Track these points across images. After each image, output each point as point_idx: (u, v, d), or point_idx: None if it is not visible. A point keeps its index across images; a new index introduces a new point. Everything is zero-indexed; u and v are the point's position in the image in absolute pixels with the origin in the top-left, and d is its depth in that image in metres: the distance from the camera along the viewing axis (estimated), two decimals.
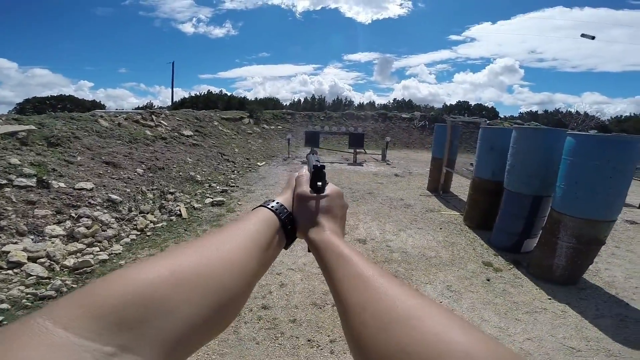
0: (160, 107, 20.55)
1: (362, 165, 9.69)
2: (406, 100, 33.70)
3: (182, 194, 5.36)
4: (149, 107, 21.49)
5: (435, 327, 0.26)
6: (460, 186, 6.93)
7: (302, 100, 34.03)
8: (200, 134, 9.43)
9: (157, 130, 7.85)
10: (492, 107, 30.63)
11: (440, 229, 4.64)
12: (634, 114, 26.26)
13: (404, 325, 0.27)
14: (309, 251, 0.48)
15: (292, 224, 0.48)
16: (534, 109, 29.47)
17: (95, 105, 26.38)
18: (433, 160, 6.89)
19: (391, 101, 35.05)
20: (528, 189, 3.63)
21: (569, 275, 3.16)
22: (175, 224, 4.27)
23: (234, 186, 6.35)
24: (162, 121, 8.57)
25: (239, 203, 5.27)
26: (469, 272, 3.41)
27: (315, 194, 0.49)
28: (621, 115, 26.74)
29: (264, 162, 9.10)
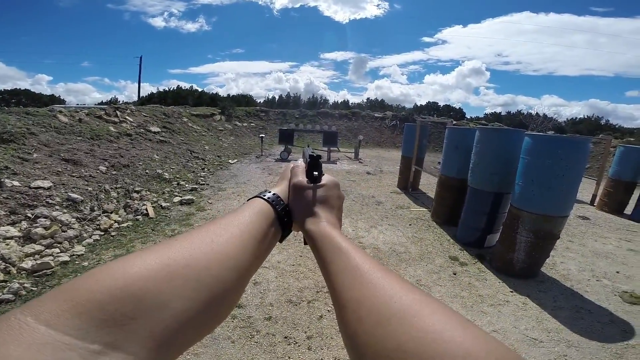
0: (126, 103, 19.56)
1: (336, 164, 9.77)
2: (379, 100, 34.33)
3: (148, 192, 5.15)
4: (113, 102, 20.42)
5: (434, 324, 0.25)
6: (429, 184, 7.17)
7: (277, 97, 33.69)
8: (169, 130, 9.09)
9: (122, 127, 7.48)
10: (460, 108, 32.00)
11: (410, 225, 4.79)
12: (587, 116, 28.38)
13: (402, 321, 0.26)
14: (305, 243, 0.47)
15: (287, 216, 0.46)
16: (498, 110, 31.15)
17: (54, 100, 24.69)
18: (403, 159, 7.07)
19: (364, 100, 35.60)
20: (490, 186, 3.83)
21: (528, 269, 3.35)
22: (142, 223, 4.10)
23: (204, 184, 6.18)
24: (127, 117, 8.17)
25: (210, 201, 5.15)
26: (437, 267, 3.54)
27: (311, 184, 0.48)
28: (576, 117, 28.77)
29: (235, 160, 8.94)
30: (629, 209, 6.34)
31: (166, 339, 0.25)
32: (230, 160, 8.79)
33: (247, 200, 0.46)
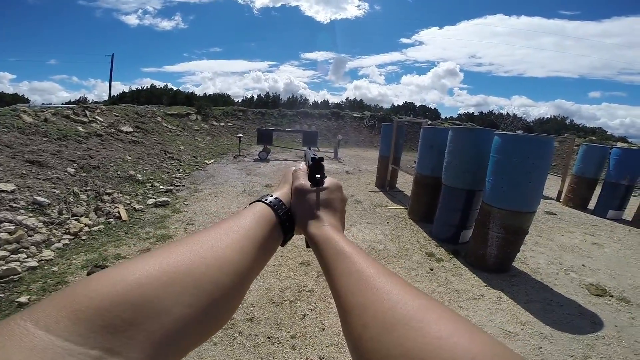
0: (96, 102, 18.73)
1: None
2: (357, 100, 34.67)
3: (120, 194, 4.97)
4: (82, 101, 19.47)
5: (440, 330, 0.24)
6: (405, 182, 7.34)
7: (256, 97, 33.29)
8: (142, 130, 8.79)
9: (91, 127, 7.17)
10: (435, 108, 32.82)
11: (388, 223, 4.88)
12: (554, 116, 29.91)
13: (407, 327, 0.25)
14: (307, 247, 0.46)
15: (290, 220, 0.46)
16: (471, 110, 32.21)
17: (17, 99, 23.24)
18: (380, 158, 7.19)
19: (344, 100, 35.83)
20: (462, 184, 3.97)
21: (500, 264, 3.49)
22: (114, 226, 3.95)
23: (179, 185, 6.03)
24: (97, 117, 7.83)
25: (185, 203, 5.03)
26: (415, 263, 3.63)
27: (314, 187, 0.48)
28: (543, 117, 30.27)
29: (212, 160, 8.76)
30: (592, 204, 6.70)
31: (166, 344, 0.25)
32: (206, 161, 8.61)
33: (249, 204, 0.46)
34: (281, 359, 2.13)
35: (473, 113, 32.34)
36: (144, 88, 24.72)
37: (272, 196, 0.47)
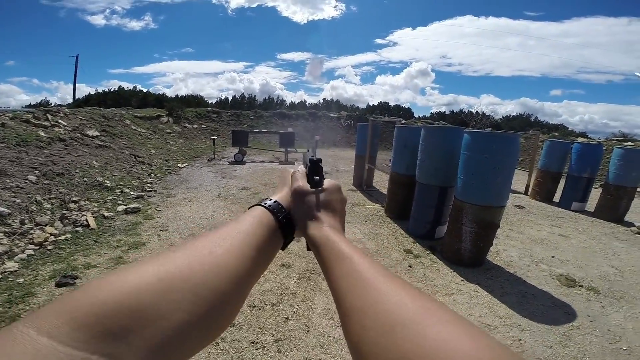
0: (59, 105, 17.72)
1: (294, 164, 9.68)
2: (334, 100, 34.94)
3: (88, 202, 4.73)
4: (43, 104, 18.37)
5: (440, 332, 0.24)
6: (382, 181, 7.46)
7: (230, 98, 32.72)
8: (109, 134, 8.40)
9: (54, 131, 6.77)
10: (409, 107, 33.67)
11: (366, 221, 4.95)
12: (519, 113, 31.48)
13: (407, 330, 0.25)
14: (308, 249, 0.46)
15: (289, 223, 0.46)
16: (443, 109, 33.29)
17: None
18: (357, 158, 7.27)
19: (321, 101, 36.00)
20: (435, 181, 4.09)
21: (475, 258, 3.61)
22: (83, 235, 3.76)
23: (150, 191, 5.82)
24: (60, 121, 7.41)
25: (158, 209, 4.86)
26: (393, 260, 3.70)
27: (313, 189, 0.47)
28: (510, 115, 31.80)
29: (186, 164, 8.52)
30: (557, 197, 7.09)
31: (165, 350, 0.25)
32: (179, 165, 8.36)
33: (248, 208, 0.45)
34: None
35: (444, 112, 33.52)
36: (111, 90, 23.75)
37: (271, 200, 0.46)
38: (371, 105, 34.08)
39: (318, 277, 3.22)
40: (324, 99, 36.37)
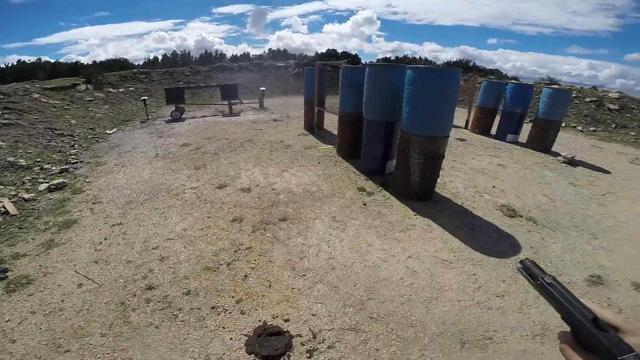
0: None
1: (240, 115, 9.21)
2: (281, 50, 32.81)
3: (1, 186, 4.07)
4: None
5: None
6: (332, 123, 7.35)
7: (161, 58, 29.24)
8: (14, 111, 7.13)
9: None
10: (356, 54, 32.77)
11: (319, 163, 4.90)
12: (459, 59, 32.42)
13: None
14: None
15: None
16: (389, 55, 33.19)
17: None
18: (306, 102, 7.11)
19: (267, 51, 33.64)
20: (381, 117, 4.06)
21: (424, 191, 3.74)
22: (3, 223, 3.25)
23: (76, 162, 5.14)
24: None
25: (87, 180, 4.33)
26: (348, 200, 3.72)
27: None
28: (450, 61, 32.60)
29: (115, 129, 7.60)
30: (494, 131, 7.76)
31: None
32: (108, 131, 7.42)
33: None
34: (232, 327, 2.02)
35: (390, 58, 33.20)
36: (9, 65, 19.92)
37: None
38: (319, 53, 32.69)
39: (274, 227, 3.15)
40: (270, 50, 34.04)
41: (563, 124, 10.14)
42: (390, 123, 4.05)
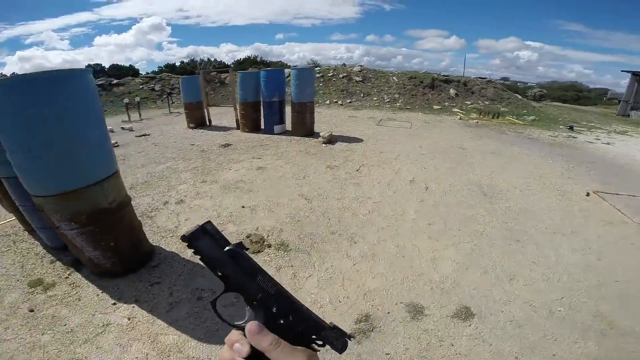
0: None
1: None
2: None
3: None
4: None
5: None
6: None
7: None
8: None
9: None
10: (132, 66, 28.83)
11: None
12: (248, 56, 33.11)
13: None
14: None
15: None
16: (185, 60, 30.84)
17: None
18: None
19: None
20: None
21: (129, 259, 2.54)
22: None
23: None
24: None
25: None
26: (6, 309, 2.17)
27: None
28: (241, 59, 33.00)
29: None
30: (263, 124, 7.35)
31: None
32: None
33: None
34: None
35: (186, 62, 30.79)
36: None
37: None
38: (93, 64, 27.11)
39: None
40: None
41: (327, 102, 11.28)
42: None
